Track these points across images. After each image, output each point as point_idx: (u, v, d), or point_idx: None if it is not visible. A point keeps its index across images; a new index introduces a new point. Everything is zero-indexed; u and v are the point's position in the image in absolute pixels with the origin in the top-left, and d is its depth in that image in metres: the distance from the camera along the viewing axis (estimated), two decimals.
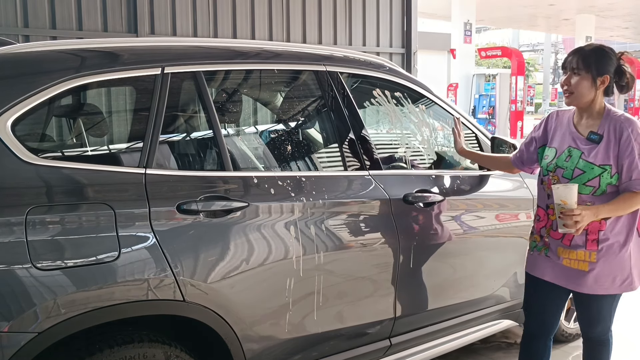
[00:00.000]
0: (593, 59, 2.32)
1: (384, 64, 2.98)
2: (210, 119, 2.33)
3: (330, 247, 2.41)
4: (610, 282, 2.35)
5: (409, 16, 8.50)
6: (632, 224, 2.36)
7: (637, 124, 2.32)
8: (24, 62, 2.03)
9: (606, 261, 2.34)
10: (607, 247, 2.34)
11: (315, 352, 2.47)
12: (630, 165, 2.28)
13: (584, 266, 2.37)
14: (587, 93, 2.34)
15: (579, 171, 2.34)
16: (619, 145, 2.29)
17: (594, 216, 2.28)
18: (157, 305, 2.02)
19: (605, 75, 2.32)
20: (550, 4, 20.77)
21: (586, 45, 2.42)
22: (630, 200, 2.30)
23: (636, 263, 2.38)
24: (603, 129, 2.34)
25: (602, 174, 2.30)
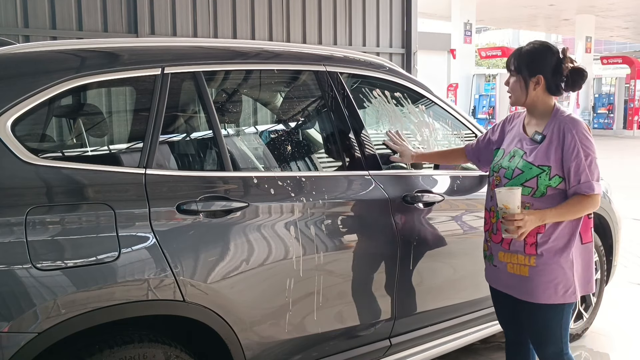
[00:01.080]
0: (525, 60, 2.28)
1: (384, 64, 2.98)
2: (210, 119, 2.33)
3: (330, 247, 2.41)
4: (552, 290, 2.25)
5: (409, 16, 8.49)
6: (573, 229, 2.27)
7: (582, 125, 2.25)
8: (24, 62, 2.03)
9: (546, 266, 2.25)
10: (546, 251, 2.25)
11: (315, 352, 2.47)
12: (577, 169, 2.20)
13: (524, 271, 2.29)
14: (521, 94, 2.31)
15: (519, 171, 2.29)
16: (562, 148, 2.22)
17: (539, 221, 2.20)
18: (157, 305, 2.02)
19: (537, 75, 2.27)
20: (550, 4, 20.76)
21: (527, 44, 2.36)
22: (579, 204, 2.22)
23: (579, 271, 2.29)
24: (547, 129, 2.28)
25: (539, 175, 2.24)
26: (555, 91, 2.31)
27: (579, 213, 2.25)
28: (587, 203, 2.23)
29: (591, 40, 23.22)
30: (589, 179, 2.21)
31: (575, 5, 21.16)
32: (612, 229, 3.81)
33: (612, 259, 3.87)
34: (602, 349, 3.67)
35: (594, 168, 2.23)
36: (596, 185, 2.22)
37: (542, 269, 2.25)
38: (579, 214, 2.25)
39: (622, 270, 5.10)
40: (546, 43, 2.32)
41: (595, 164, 2.23)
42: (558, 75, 2.27)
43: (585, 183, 2.21)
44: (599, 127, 23.23)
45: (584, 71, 2.29)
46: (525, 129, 2.38)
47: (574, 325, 3.66)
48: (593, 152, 2.24)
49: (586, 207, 2.24)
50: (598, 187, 2.23)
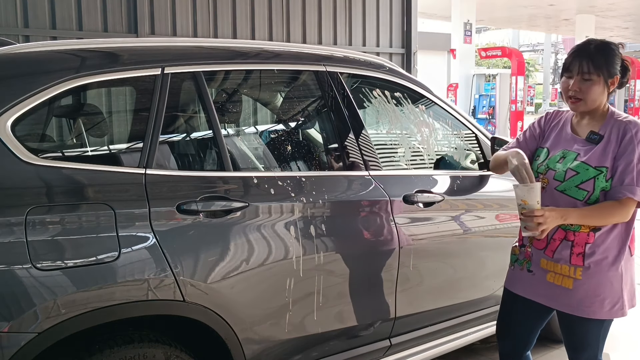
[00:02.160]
0: (603, 59, 2.10)
1: (384, 64, 2.98)
2: (210, 119, 2.33)
3: (330, 248, 2.41)
4: (598, 305, 2.11)
5: (409, 16, 8.49)
6: (624, 240, 2.12)
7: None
8: (24, 62, 2.03)
9: (593, 280, 2.10)
10: (594, 263, 2.09)
11: (315, 352, 2.47)
12: (625, 168, 2.05)
13: (567, 283, 2.13)
14: (599, 98, 2.13)
15: (572, 172, 2.12)
16: (619, 147, 2.07)
17: (561, 219, 2.06)
18: (157, 305, 2.02)
19: (615, 75, 2.12)
20: (550, 4, 20.76)
21: (588, 42, 2.16)
22: (609, 209, 2.06)
23: (628, 285, 2.15)
24: (605, 129, 2.13)
25: (597, 177, 2.08)
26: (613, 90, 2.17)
27: (606, 219, 2.08)
28: (618, 210, 2.06)
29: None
30: (634, 183, 2.03)
31: (575, 5, 21.16)
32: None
33: None
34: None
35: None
36: (638, 191, 2.04)
37: (588, 283, 2.10)
38: (605, 221, 2.08)
39: None
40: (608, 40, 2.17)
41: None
42: (625, 74, 2.15)
43: (627, 186, 2.04)
44: None
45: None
46: (574, 130, 2.22)
47: None
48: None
49: (615, 214, 2.07)
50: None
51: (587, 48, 2.12)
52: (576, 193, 2.11)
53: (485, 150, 3.17)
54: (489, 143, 3.17)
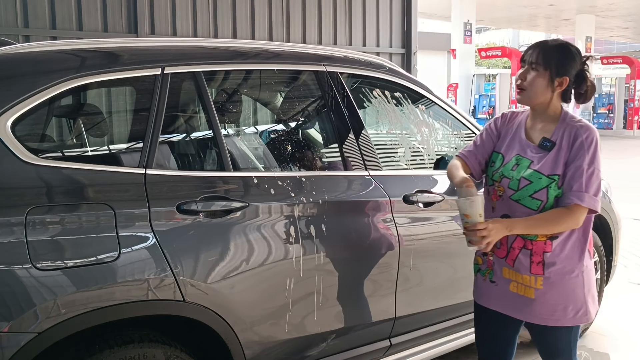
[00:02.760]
0: (555, 56, 2.05)
1: (384, 64, 2.98)
2: (210, 119, 2.33)
3: (330, 248, 2.41)
4: (561, 313, 2.07)
5: (409, 16, 8.49)
6: (583, 246, 2.08)
7: (595, 133, 2.04)
8: (24, 62, 2.03)
9: (554, 288, 2.06)
10: (554, 272, 2.05)
11: (315, 352, 2.47)
12: (574, 174, 1.99)
13: (529, 292, 2.09)
14: (541, 93, 2.07)
15: (526, 181, 2.06)
16: (570, 152, 2.02)
17: (506, 230, 2.00)
18: (157, 305, 2.02)
19: (564, 76, 2.05)
20: (550, 4, 20.76)
21: (552, 39, 2.13)
22: (556, 217, 2.00)
23: (590, 289, 2.10)
24: (557, 135, 2.06)
25: (550, 185, 2.02)
26: (569, 98, 2.12)
27: (554, 227, 2.02)
28: (566, 217, 2.00)
29: (591, 40, 23.22)
30: (582, 189, 1.98)
31: (575, 5, 21.17)
32: (612, 229, 3.81)
33: (612, 259, 3.87)
34: (603, 349, 3.67)
35: (593, 181, 2.00)
36: (588, 198, 1.98)
37: (550, 292, 2.07)
38: (554, 229, 2.02)
39: (622, 270, 5.10)
40: (573, 44, 2.12)
41: (596, 178, 2.00)
42: (582, 82, 2.09)
43: (576, 192, 1.98)
44: (599, 127, 23.20)
45: (595, 86, 2.15)
46: (528, 134, 2.15)
47: None
48: (598, 166, 2.01)
49: (563, 221, 2.00)
50: (590, 201, 1.99)
51: (546, 43, 2.11)
52: (530, 203, 2.05)
53: None
54: None
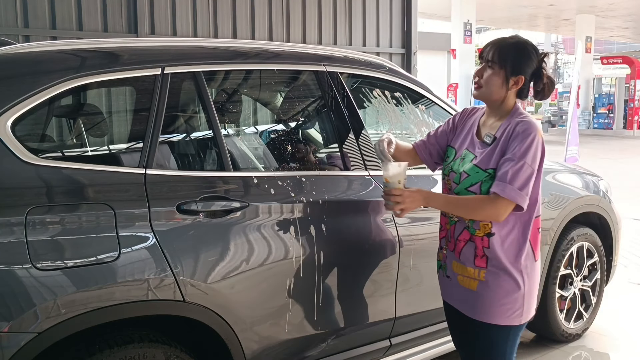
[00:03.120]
0: (511, 54, 2.06)
1: (384, 64, 2.98)
2: (210, 119, 2.33)
3: (330, 248, 2.41)
4: (498, 310, 2.06)
5: (409, 16, 8.49)
6: (522, 247, 2.06)
7: (533, 129, 2.01)
8: (24, 62, 2.03)
9: (492, 284, 2.06)
10: (495, 267, 2.05)
11: (315, 352, 2.47)
12: (502, 164, 1.99)
13: (473, 285, 2.09)
14: (497, 91, 2.08)
15: (465, 175, 2.09)
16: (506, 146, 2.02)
17: (423, 200, 2.07)
18: (157, 305, 2.02)
19: (520, 75, 2.06)
20: (550, 4, 20.75)
21: (510, 37, 2.13)
22: (477, 202, 2.01)
23: (529, 292, 2.08)
24: (500, 130, 2.07)
25: (484, 179, 2.04)
26: (525, 96, 2.12)
27: (472, 212, 2.04)
28: (486, 205, 1.99)
29: (591, 40, 23.21)
30: (506, 180, 1.96)
31: (575, 5, 21.16)
32: (612, 229, 3.82)
33: (612, 259, 3.88)
34: (603, 349, 3.67)
35: (520, 175, 1.97)
36: (509, 190, 1.96)
37: (491, 286, 2.06)
38: (470, 213, 2.04)
39: (622, 270, 5.10)
40: (530, 42, 2.12)
41: (524, 172, 1.97)
42: (538, 80, 2.10)
43: (499, 182, 1.98)
44: (599, 127, 23.22)
45: (554, 82, 2.14)
46: (480, 130, 2.17)
47: (574, 325, 3.66)
48: (530, 161, 1.98)
49: (482, 208, 2.00)
50: (511, 193, 1.96)
51: (504, 41, 2.11)
52: (466, 195, 2.09)
53: None
54: None
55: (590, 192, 3.65)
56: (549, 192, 3.36)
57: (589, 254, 3.69)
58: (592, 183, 3.75)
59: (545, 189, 3.35)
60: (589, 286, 3.73)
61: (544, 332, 3.64)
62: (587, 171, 3.93)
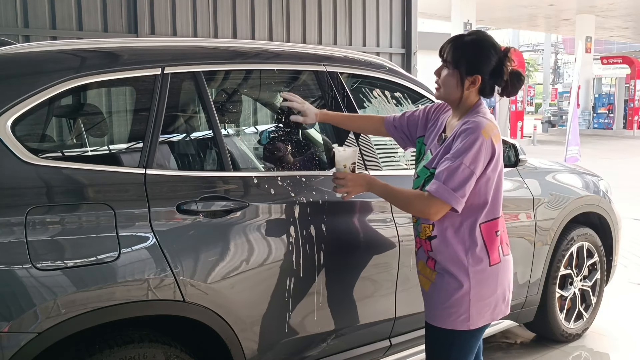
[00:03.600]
0: (466, 54, 1.98)
1: (384, 64, 2.98)
2: (210, 119, 2.33)
3: (330, 248, 2.41)
4: (444, 312, 2.01)
5: (409, 16, 8.50)
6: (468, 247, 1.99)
7: (477, 128, 1.91)
8: (24, 62, 2.03)
9: (440, 285, 2.03)
10: (441, 269, 2.02)
11: (315, 352, 2.47)
12: (439, 163, 1.96)
13: (426, 285, 2.09)
14: (453, 92, 2.01)
15: (416, 176, 2.10)
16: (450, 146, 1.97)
17: (367, 187, 2.10)
18: (157, 305, 2.02)
19: (476, 75, 1.98)
20: (550, 4, 20.75)
21: (467, 33, 2.05)
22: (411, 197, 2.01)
23: (479, 298, 2.00)
24: (454, 130, 2.00)
25: (426, 178, 2.01)
26: (488, 94, 2.04)
27: (405, 206, 2.05)
28: (420, 201, 1.96)
29: (591, 40, 23.20)
30: (440, 178, 1.91)
31: (575, 5, 21.15)
32: (612, 229, 3.82)
33: (612, 259, 3.88)
34: (602, 349, 3.67)
35: (456, 175, 1.90)
36: (442, 189, 1.90)
37: (437, 288, 2.04)
38: (404, 206, 2.07)
39: (622, 270, 5.10)
40: (489, 38, 2.03)
41: (461, 173, 1.89)
42: (498, 78, 2.00)
43: (434, 181, 1.93)
44: (599, 127, 23.22)
45: (522, 76, 2.03)
46: (445, 130, 2.11)
47: (574, 325, 3.66)
48: (467, 162, 1.89)
49: (414, 203, 1.99)
50: (443, 192, 1.91)
51: (460, 39, 2.04)
52: None
53: None
54: None
55: (590, 192, 3.65)
56: (549, 192, 3.36)
57: (589, 254, 3.70)
58: (592, 183, 3.75)
59: (546, 189, 3.36)
60: (589, 286, 3.73)
61: (544, 332, 3.64)
62: (587, 171, 3.93)
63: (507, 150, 3.09)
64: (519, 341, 3.78)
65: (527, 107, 22.58)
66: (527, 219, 3.20)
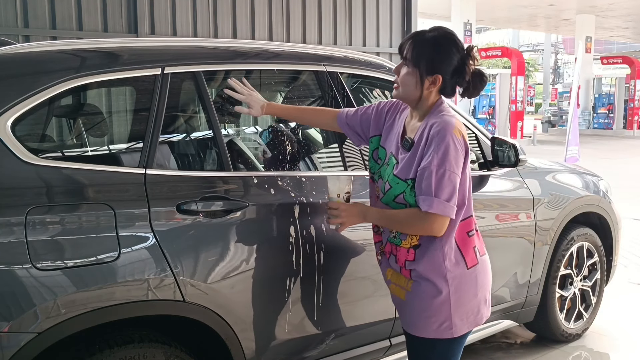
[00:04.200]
0: (426, 52, 1.88)
1: (384, 64, 2.98)
2: (210, 119, 2.33)
3: (330, 247, 2.41)
4: (424, 322, 1.94)
5: (409, 16, 8.51)
6: (445, 252, 1.91)
7: (448, 128, 1.83)
8: (24, 62, 2.03)
9: (419, 296, 1.94)
10: (418, 277, 1.94)
11: (315, 352, 2.47)
12: (422, 174, 1.84)
13: (402, 294, 2.00)
14: (411, 91, 1.92)
15: (388, 185, 1.95)
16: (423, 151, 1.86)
17: (361, 216, 2.00)
18: (157, 305, 2.02)
19: (436, 74, 1.89)
20: (550, 4, 20.75)
21: (429, 29, 1.94)
22: (410, 218, 1.88)
23: (461, 303, 1.93)
24: (418, 133, 1.90)
25: (405, 190, 1.90)
26: (449, 93, 1.95)
27: (406, 227, 1.91)
28: (420, 221, 1.86)
29: (591, 40, 23.20)
30: (431, 192, 1.82)
31: (575, 5, 21.15)
32: (612, 229, 3.82)
33: (612, 259, 3.88)
34: (602, 349, 3.67)
35: (445, 184, 1.82)
36: (437, 203, 1.82)
37: (416, 296, 1.95)
38: (405, 228, 1.92)
39: (622, 270, 5.10)
40: (452, 35, 1.93)
41: (449, 179, 1.82)
42: (460, 78, 1.91)
43: (425, 196, 1.83)
44: (599, 127, 23.22)
45: (485, 76, 1.93)
46: (404, 131, 2.01)
47: (574, 325, 3.66)
48: (452, 168, 1.82)
49: (415, 225, 1.88)
50: (439, 207, 1.82)
51: (421, 35, 1.93)
52: (396, 207, 1.96)
53: (485, 150, 3.17)
54: (489, 143, 3.16)
55: (590, 192, 3.65)
56: (549, 192, 3.36)
57: (589, 254, 3.70)
58: (592, 183, 3.75)
59: (546, 188, 3.36)
60: (589, 286, 3.73)
61: (544, 332, 3.64)
62: (587, 171, 3.93)
63: (507, 150, 3.08)
64: (519, 341, 3.78)
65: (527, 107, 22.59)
66: (527, 219, 3.20)
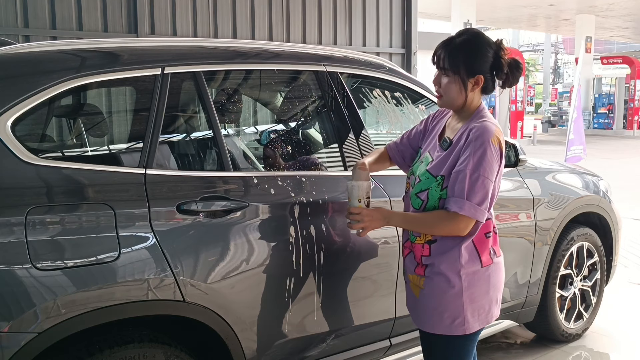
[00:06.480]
0: (462, 57, 1.94)
1: (384, 64, 2.98)
2: (210, 119, 2.33)
3: (330, 247, 2.41)
4: (437, 318, 1.99)
5: (409, 16, 8.50)
6: (461, 250, 1.95)
7: (486, 134, 1.89)
8: (24, 62, 2.03)
9: (433, 292, 1.99)
10: (432, 274, 1.98)
11: (315, 352, 2.47)
12: (456, 177, 1.90)
13: (416, 292, 2.06)
14: (457, 97, 1.98)
15: (418, 180, 2.03)
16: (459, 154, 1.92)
17: (384, 220, 2.02)
18: (157, 305, 2.02)
19: (477, 75, 1.95)
20: (550, 4, 20.75)
21: (457, 34, 2.00)
22: (437, 219, 1.93)
23: (473, 301, 1.97)
24: (458, 134, 1.97)
25: (432, 186, 1.96)
26: (491, 89, 2.01)
27: (432, 228, 1.96)
28: (447, 222, 1.91)
29: (591, 40, 23.21)
30: (463, 195, 1.88)
31: (575, 5, 21.16)
32: (612, 229, 3.82)
33: (612, 259, 3.88)
34: (602, 349, 3.67)
35: (477, 189, 1.88)
36: (468, 206, 1.88)
37: (429, 293, 2.00)
38: (431, 230, 1.97)
39: (622, 270, 5.10)
40: (481, 34, 1.99)
41: (482, 184, 1.88)
42: (499, 72, 1.98)
43: (456, 198, 1.89)
44: (599, 127, 23.22)
45: (520, 63, 2.00)
46: (444, 132, 2.08)
47: (574, 325, 3.66)
48: (487, 173, 1.88)
49: (442, 225, 1.92)
50: (470, 210, 1.88)
51: (452, 42, 1.98)
52: (414, 201, 2.03)
53: None
54: None
55: (590, 192, 3.65)
56: (549, 192, 3.36)
57: (589, 254, 3.70)
58: (592, 183, 3.75)
59: (545, 188, 3.36)
60: (589, 286, 3.73)
61: (544, 332, 3.64)
62: (587, 171, 3.93)
63: (507, 150, 3.09)
64: (519, 341, 3.78)
65: (527, 107, 22.59)
66: (527, 219, 3.20)
